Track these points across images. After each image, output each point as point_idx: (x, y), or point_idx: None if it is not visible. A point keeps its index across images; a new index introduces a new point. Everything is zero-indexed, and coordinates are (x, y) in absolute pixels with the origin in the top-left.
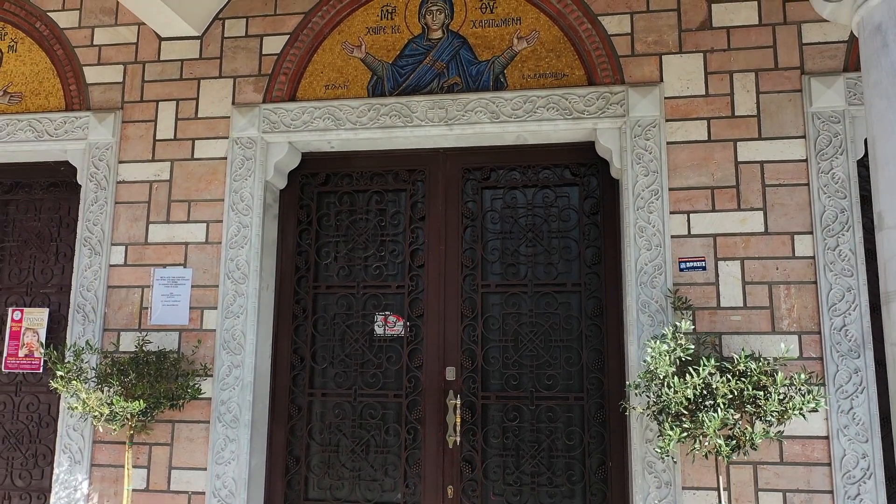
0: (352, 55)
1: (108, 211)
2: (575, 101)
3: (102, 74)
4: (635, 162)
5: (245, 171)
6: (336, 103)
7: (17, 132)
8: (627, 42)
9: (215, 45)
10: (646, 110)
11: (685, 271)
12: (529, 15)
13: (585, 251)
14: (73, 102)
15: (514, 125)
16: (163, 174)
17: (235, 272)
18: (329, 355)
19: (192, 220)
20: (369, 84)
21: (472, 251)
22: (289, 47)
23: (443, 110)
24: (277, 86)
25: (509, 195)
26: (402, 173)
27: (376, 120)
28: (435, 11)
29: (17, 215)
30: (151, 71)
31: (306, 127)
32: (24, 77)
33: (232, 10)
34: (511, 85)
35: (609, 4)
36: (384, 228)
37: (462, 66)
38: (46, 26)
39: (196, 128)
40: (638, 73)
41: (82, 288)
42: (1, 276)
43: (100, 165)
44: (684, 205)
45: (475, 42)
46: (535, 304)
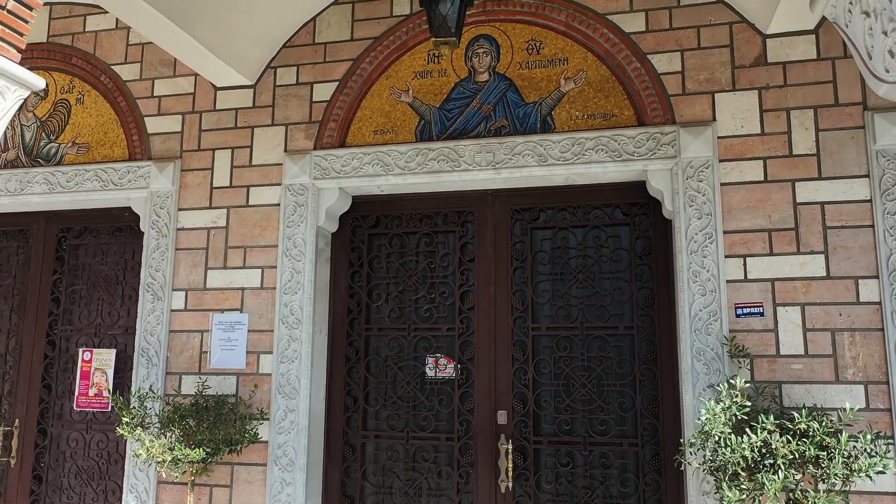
0: (399, 100)
1: (169, 257)
2: (624, 142)
3: (162, 125)
4: (688, 204)
5: (297, 218)
6: (385, 149)
7: (85, 182)
8: (678, 80)
9: (268, 94)
10: (698, 151)
11: (742, 317)
12: (577, 55)
13: (638, 293)
14: (135, 152)
15: (562, 168)
16: (220, 221)
17: (289, 317)
18: (381, 397)
19: (247, 265)
20: (417, 128)
21: (522, 293)
22: (338, 94)
23: (490, 154)
24: (328, 132)
25: (559, 235)
26: (451, 215)
27: (424, 165)
28: (481, 54)
29: (86, 259)
30: (208, 120)
31: (356, 173)
32: (90, 128)
33: (283, 58)
34: (559, 126)
35: (658, 42)
36: (434, 270)
37: (509, 109)
38: (110, 79)
39: (250, 175)
40: (689, 113)
41: (146, 332)
42: (72, 318)
43: (161, 213)
44: (740, 248)
45: (522, 84)
46: (586, 347)
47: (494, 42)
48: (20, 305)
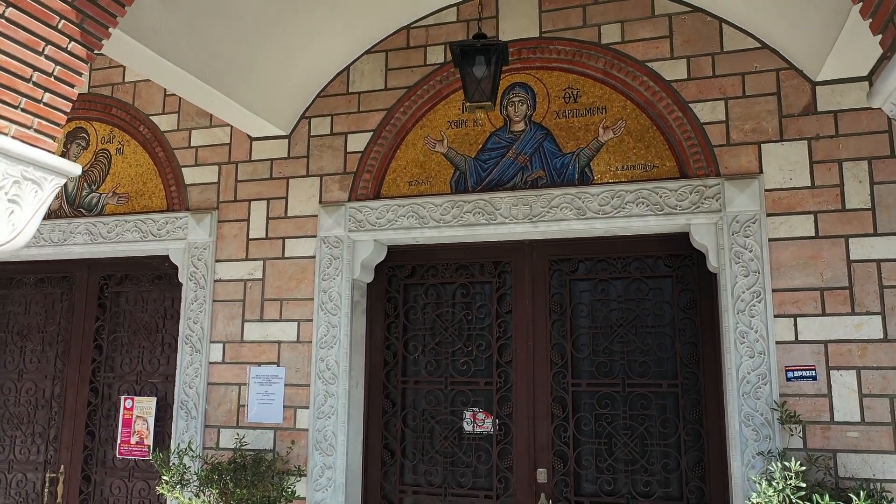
0: (434, 150)
1: (207, 309)
2: (666, 195)
3: (199, 175)
4: (734, 261)
5: (333, 271)
6: (420, 200)
7: (125, 233)
8: (722, 130)
9: (302, 144)
10: (744, 205)
11: (793, 381)
12: (615, 103)
13: (682, 348)
14: (173, 202)
15: (602, 222)
16: (256, 273)
17: (326, 372)
18: (419, 451)
19: (284, 318)
20: (452, 179)
21: (561, 346)
22: (372, 144)
23: (527, 207)
24: (362, 183)
25: (598, 287)
26: (488, 265)
27: (460, 217)
28: (517, 102)
29: (127, 306)
30: (244, 171)
31: (391, 225)
32: (129, 178)
33: (317, 108)
34: (598, 178)
35: (701, 91)
36: (471, 322)
37: (546, 159)
38: (149, 129)
39: (286, 226)
40: (735, 164)
41: (185, 385)
42: (114, 365)
43: (198, 265)
44: (790, 308)
45: (559, 133)
46: (629, 405)
47: (530, 90)
48: (65, 352)
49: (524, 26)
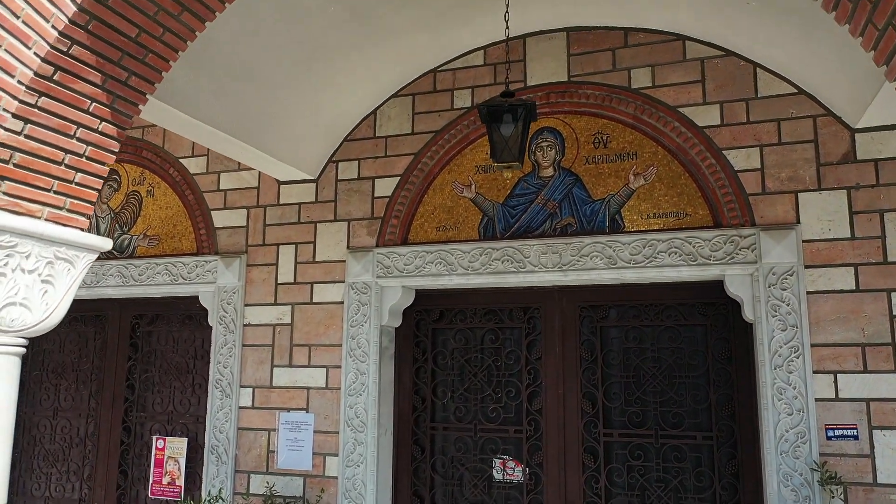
0: (462, 195)
1: (237, 353)
2: (699, 245)
3: (228, 219)
4: (770, 314)
5: (361, 317)
6: (448, 247)
7: (156, 276)
8: (757, 178)
9: (329, 189)
10: (781, 256)
11: (834, 440)
12: (646, 149)
13: (717, 399)
14: (202, 246)
15: (633, 272)
16: (284, 318)
17: (354, 420)
18: (448, 499)
19: (312, 364)
20: (480, 225)
21: (592, 394)
22: (399, 189)
23: (556, 255)
24: (390, 229)
25: (630, 335)
26: (517, 311)
27: (488, 265)
28: (545, 147)
29: (158, 346)
30: (272, 214)
31: (419, 272)
32: (160, 221)
33: (344, 152)
34: (629, 225)
35: (735, 137)
36: (500, 368)
37: (575, 206)
38: (178, 172)
39: (314, 271)
40: (770, 214)
41: (215, 429)
42: (146, 404)
43: (228, 309)
44: (830, 364)
45: (588, 180)
46: (662, 457)
47: (559, 135)
48: (98, 390)
49: (552, 70)
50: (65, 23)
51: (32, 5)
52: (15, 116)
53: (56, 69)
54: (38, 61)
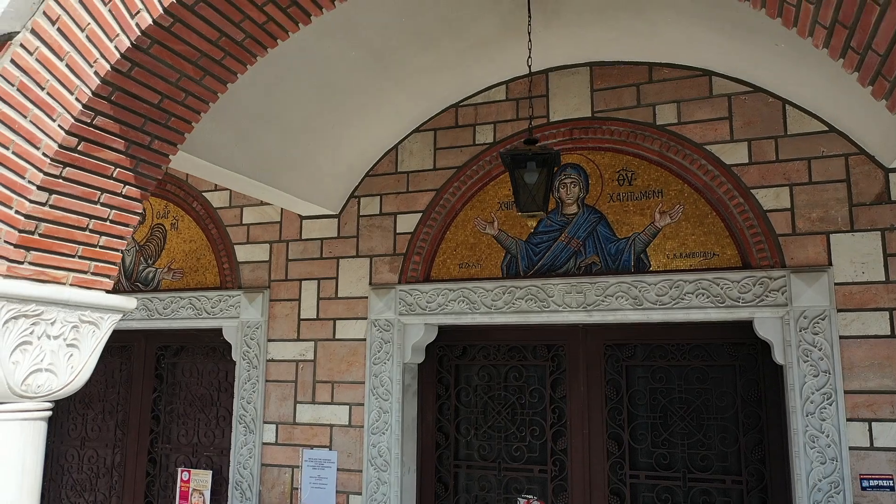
0: (484, 231)
1: (260, 389)
2: (728, 286)
3: (251, 253)
4: (802, 359)
5: (383, 355)
6: (470, 285)
7: (180, 309)
8: (787, 219)
9: (352, 224)
10: (812, 300)
11: (868, 490)
12: (672, 187)
13: (746, 442)
14: (226, 280)
15: (659, 313)
16: (307, 354)
17: (377, 459)
18: None
19: (335, 401)
20: (503, 262)
21: (618, 435)
22: (422, 226)
23: (580, 294)
24: (412, 265)
25: (656, 374)
26: (540, 348)
27: (511, 304)
28: (569, 184)
29: (182, 378)
30: (294, 249)
31: (441, 310)
32: (184, 254)
33: (366, 187)
34: (654, 265)
35: (763, 176)
36: (523, 406)
37: (600, 244)
38: (202, 206)
39: (336, 308)
40: (801, 255)
41: (239, 465)
42: (171, 436)
43: (251, 344)
44: (864, 411)
45: (613, 218)
46: (690, 500)
47: (582, 171)
48: (124, 421)
49: (576, 105)
50: (88, 95)
51: (57, 77)
52: (40, 188)
53: (80, 140)
54: (63, 134)
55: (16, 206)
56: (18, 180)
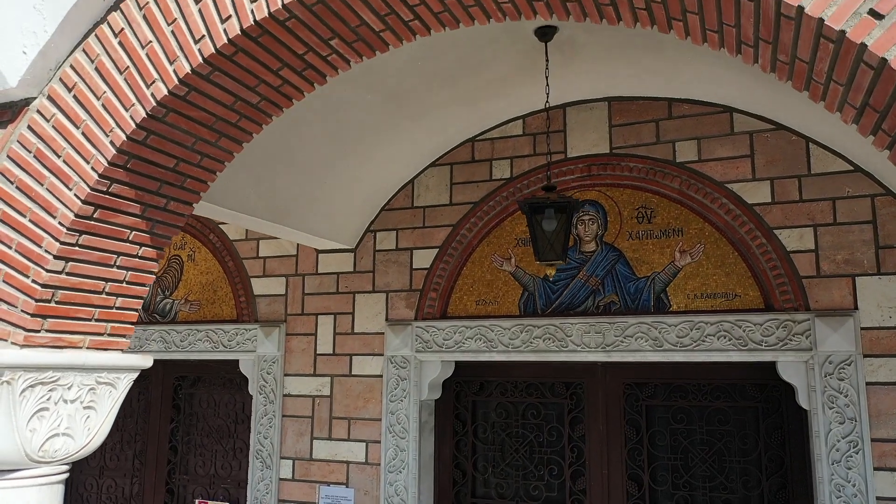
0: (501, 268)
1: (277, 424)
2: (750, 329)
3: (267, 286)
4: (827, 405)
5: (400, 392)
6: (487, 323)
7: (197, 342)
8: (811, 260)
9: (368, 258)
10: (838, 344)
11: None
12: (693, 226)
13: (768, 484)
14: (242, 313)
15: (680, 354)
16: (324, 390)
17: (394, 497)
18: None
19: (352, 438)
20: (520, 300)
21: (638, 476)
22: (438, 261)
23: (599, 335)
24: (428, 302)
25: (677, 415)
26: (559, 385)
27: (529, 343)
28: (587, 221)
29: (199, 409)
30: (310, 283)
31: (458, 347)
32: (200, 286)
33: (382, 222)
34: (675, 305)
35: (787, 216)
36: (541, 444)
37: (619, 283)
38: (218, 238)
39: (353, 343)
40: (826, 298)
41: (256, 501)
42: (188, 467)
43: (268, 378)
44: (892, 461)
45: (632, 256)
46: None
47: (601, 208)
48: (142, 451)
49: (593, 141)
50: (104, 165)
51: (73, 145)
52: (57, 258)
53: (96, 208)
54: (80, 203)
55: (33, 276)
56: (35, 249)
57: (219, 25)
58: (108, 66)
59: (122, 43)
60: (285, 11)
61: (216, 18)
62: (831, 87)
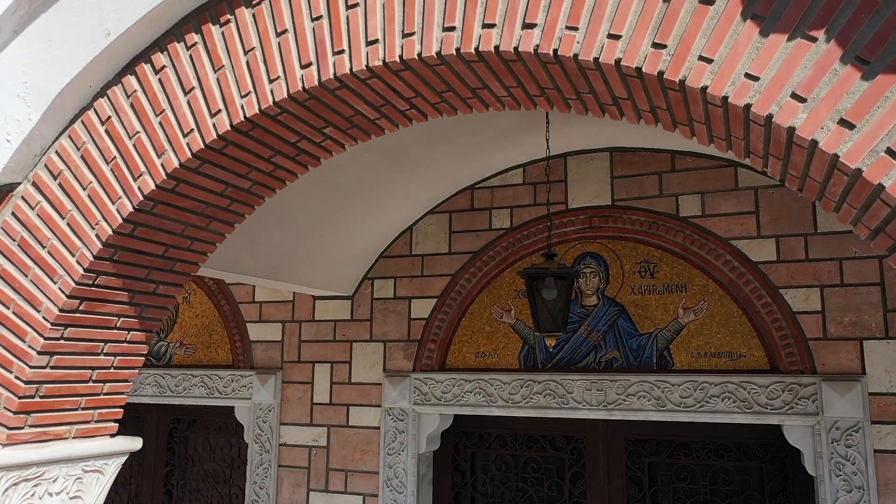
0: (501, 320)
1: (272, 474)
2: (755, 391)
3: (263, 332)
4: (834, 473)
5: (398, 445)
6: (487, 376)
7: (192, 388)
8: (817, 322)
9: (365, 306)
10: (845, 410)
11: None
12: (696, 282)
13: None
14: (238, 359)
15: (684, 415)
16: (320, 440)
17: None
18: None
19: (349, 491)
20: (520, 354)
21: None
22: (437, 312)
23: (601, 392)
24: (427, 353)
25: (680, 472)
26: (560, 439)
27: (529, 399)
28: (588, 274)
29: (195, 452)
30: (307, 331)
31: (457, 401)
32: (196, 329)
33: (380, 269)
34: (678, 363)
35: (793, 276)
36: (542, 499)
37: (621, 339)
38: (214, 281)
39: (350, 393)
40: (833, 362)
41: None
42: None
43: (263, 427)
44: None
45: (634, 311)
46: None
47: (602, 261)
48: (136, 494)
49: (595, 192)
50: (90, 259)
51: (58, 235)
52: (41, 353)
53: (82, 300)
54: (64, 298)
55: (16, 371)
56: (19, 343)
57: (208, 120)
58: (94, 154)
59: (108, 131)
60: (277, 108)
61: (205, 112)
62: (844, 206)
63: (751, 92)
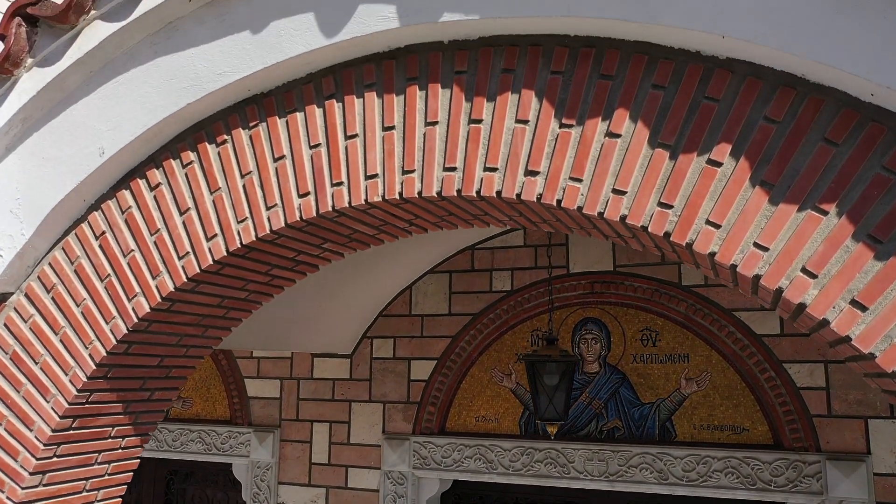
0: (502, 384)
1: None
2: (759, 467)
3: (261, 388)
4: None
5: None
6: (487, 442)
7: (189, 443)
8: (822, 399)
9: (364, 366)
10: (850, 491)
11: None
12: (699, 352)
13: None
14: (236, 415)
15: (686, 489)
16: (319, 501)
17: None
18: None
19: None
20: (521, 419)
21: None
22: (436, 374)
23: (603, 463)
24: (426, 416)
25: None
26: None
27: (530, 467)
28: (590, 340)
29: None
30: (306, 388)
31: (457, 466)
32: (193, 382)
33: (379, 328)
34: (680, 435)
35: (797, 350)
36: None
37: (623, 408)
38: None
39: (349, 455)
40: (838, 440)
41: None
42: None
43: (261, 486)
44: None
45: (637, 380)
46: None
47: (604, 327)
48: None
49: (597, 257)
50: (83, 380)
51: (51, 352)
52: (33, 473)
53: (75, 418)
54: (57, 419)
55: (7, 492)
56: (11, 462)
57: (204, 244)
58: (88, 270)
59: (102, 247)
60: (274, 234)
61: (201, 236)
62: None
63: (760, 263)
